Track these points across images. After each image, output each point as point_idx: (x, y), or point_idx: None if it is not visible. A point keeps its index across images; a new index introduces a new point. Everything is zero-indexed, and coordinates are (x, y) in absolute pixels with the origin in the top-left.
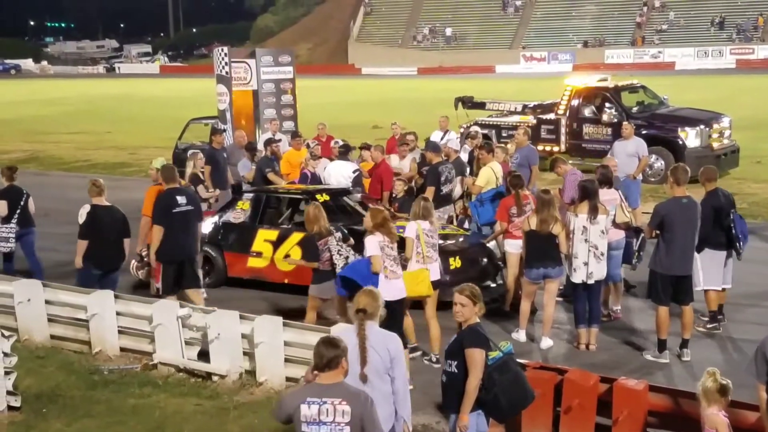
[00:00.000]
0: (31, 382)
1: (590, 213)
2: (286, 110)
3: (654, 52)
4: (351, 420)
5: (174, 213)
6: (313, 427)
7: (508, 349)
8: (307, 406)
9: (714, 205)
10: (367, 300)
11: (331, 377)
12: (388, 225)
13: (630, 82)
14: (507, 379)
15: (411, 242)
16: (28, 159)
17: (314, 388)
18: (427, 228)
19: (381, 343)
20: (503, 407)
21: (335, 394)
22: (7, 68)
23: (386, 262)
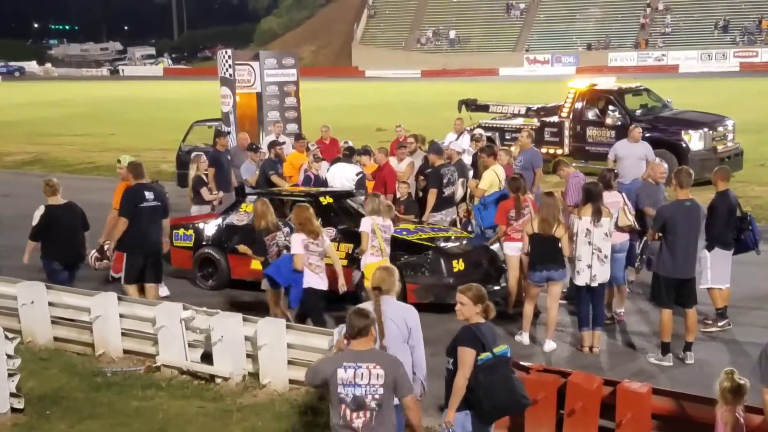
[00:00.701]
0: (35, 384)
1: (593, 216)
2: (289, 113)
3: (658, 55)
4: (385, 382)
5: (141, 207)
6: (349, 388)
7: (502, 352)
8: (343, 370)
9: (728, 205)
10: (382, 276)
11: (363, 344)
12: (311, 223)
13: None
14: (492, 381)
15: (366, 236)
16: (32, 161)
17: (349, 354)
18: (381, 223)
19: (399, 315)
20: (485, 409)
21: (369, 359)
22: (11, 70)
23: (311, 258)
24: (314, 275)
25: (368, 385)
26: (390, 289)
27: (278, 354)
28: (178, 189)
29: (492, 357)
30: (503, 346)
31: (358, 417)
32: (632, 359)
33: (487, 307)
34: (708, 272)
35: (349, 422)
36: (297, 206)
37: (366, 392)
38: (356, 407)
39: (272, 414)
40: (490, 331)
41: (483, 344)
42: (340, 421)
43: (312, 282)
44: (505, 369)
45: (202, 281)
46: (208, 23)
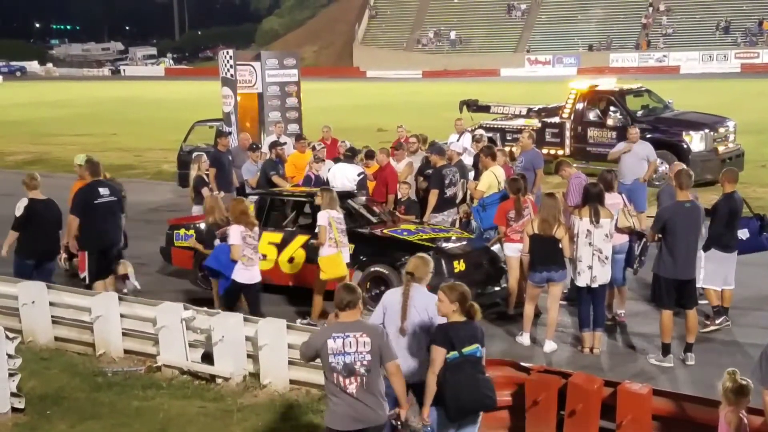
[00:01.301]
0: (35, 383)
1: (592, 216)
2: (290, 113)
3: (659, 55)
4: (371, 349)
5: (96, 204)
6: (339, 357)
7: (470, 352)
8: (333, 341)
9: (731, 208)
10: (416, 264)
11: (350, 316)
12: (247, 215)
13: (635, 85)
14: (457, 380)
15: (324, 229)
16: (34, 161)
17: (337, 325)
18: (336, 216)
19: (422, 304)
20: (449, 407)
21: (356, 329)
22: (13, 70)
23: (246, 250)
24: (244, 269)
25: (356, 352)
26: (422, 277)
27: (279, 354)
28: (179, 189)
29: (458, 356)
30: (474, 346)
31: (351, 383)
32: (633, 360)
33: (469, 308)
34: (701, 272)
35: (343, 388)
36: (233, 200)
37: (355, 359)
38: (347, 374)
39: (273, 414)
40: (467, 331)
41: (452, 343)
42: (335, 388)
43: (238, 275)
44: (471, 369)
45: (203, 282)
46: (209, 23)
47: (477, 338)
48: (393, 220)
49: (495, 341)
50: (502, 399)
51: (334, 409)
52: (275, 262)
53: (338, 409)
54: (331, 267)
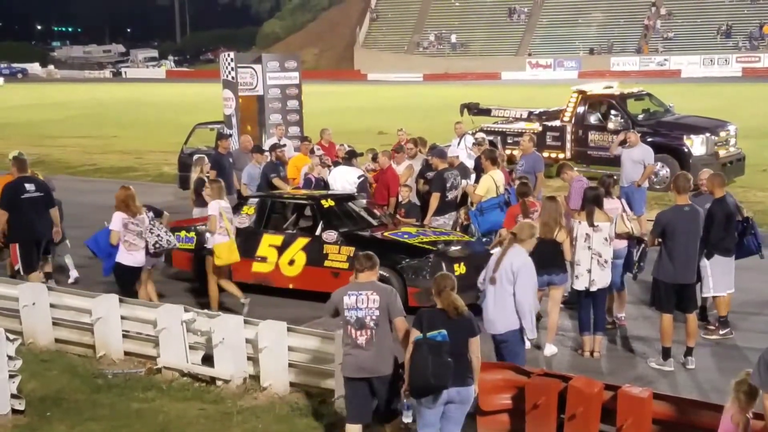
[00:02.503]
0: (36, 385)
1: (589, 219)
2: (291, 115)
3: (660, 59)
4: (380, 305)
5: (23, 198)
6: (353, 312)
7: (432, 335)
8: (348, 297)
9: (726, 212)
10: (522, 226)
11: (366, 277)
12: (131, 203)
13: (636, 89)
14: (413, 359)
15: (214, 219)
16: (35, 163)
17: (354, 285)
18: (225, 206)
19: (509, 261)
20: (410, 383)
21: (368, 288)
22: (14, 72)
23: (128, 236)
24: (127, 252)
25: (367, 308)
26: (523, 240)
27: (279, 357)
28: (180, 191)
29: (421, 338)
30: (437, 331)
31: (361, 335)
32: (633, 364)
33: (444, 299)
34: (710, 280)
35: (354, 339)
36: (121, 187)
37: (365, 314)
38: (359, 327)
39: (273, 417)
40: (437, 318)
41: (421, 325)
42: (348, 339)
43: (123, 258)
44: (427, 351)
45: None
46: (210, 26)
47: (448, 324)
48: (393, 223)
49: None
50: (502, 402)
51: (345, 359)
52: (275, 264)
53: (348, 359)
54: (225, 253)
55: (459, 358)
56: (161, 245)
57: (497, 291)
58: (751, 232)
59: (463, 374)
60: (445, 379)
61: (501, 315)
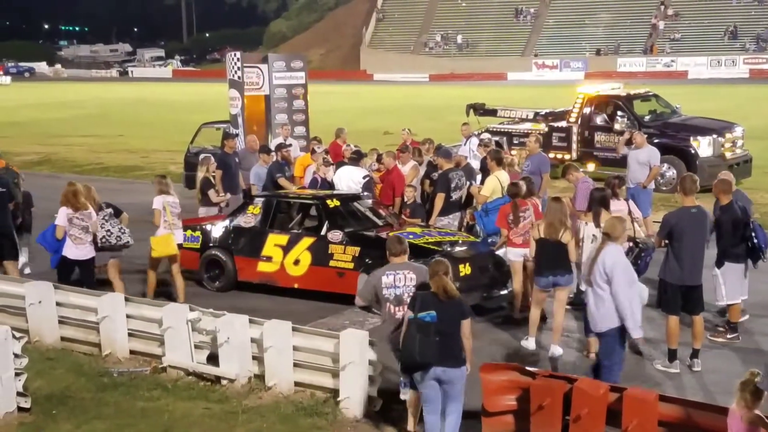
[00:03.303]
0: (41, 383)
1: (595, 220)
2: (297, 115)
3: (667, 60)
4: (416, 283)
5: None
6: (391, 290)
7: (421, 316)
8: (386, 277)
9: (733, 218)
10: (613, 224)
11: (399, 259)
12: (77, 199)
13: (642, 90)
14: (403, 337)
15: (158, 213)
16: (41, 161)
17: (389, 266)
18: (170, 201)
19: (601, 259)
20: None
21: (404, 268)
22: (21, 71)
23: (73, 230)
24: (73, 246)
25: (405, 286)
26: (618, 236)
27: (284, 356)
28: (186, 191)
29: (412, 318)
30: (426, 312)
31: (399, 310)
32: (639, 366)
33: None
34: (722, 288)
35: (393, 314)
36: (67, 183)
37: (403, 291)
38: (397, 303)
39: (277, 416)
40: (429, 300)
41: (413, 307)
42: (387, 316)
43: (67, 251)
44: (416, 330)
45: (209, 283)
46: (217, 26)
47: (439, 306)
48: (399, 223)
49: (500, 345)
50: (507, 403)
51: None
52: (281, 264)
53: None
54: (162, 246)
55: (449, 339)
56: (108, 240)
57: (594, 291)
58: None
59: (453, 355)
60: (430, 357)
61: (600, 314)
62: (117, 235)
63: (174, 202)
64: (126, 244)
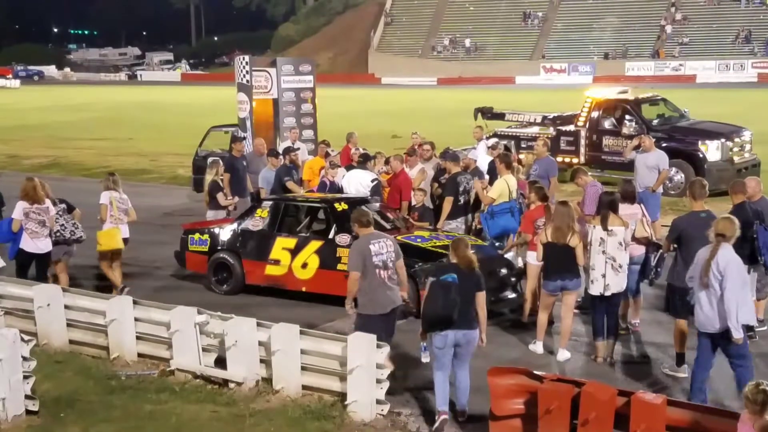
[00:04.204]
0: (49, 386)
1: (603, 224)
2: (305, 119)
3: (675, 64)
4: (394, 249)
5: None
6: (379, 256)
7: (444, 278)
8: (372, 245)
9: (742, 219)
10: (725, 225)
11: (370, 230)
12: (34, 193)
13: (651, 94)
14: (427, 296)
15: (105, 208)
16: (50, 164)
17: (369, 236)
18: (117, 197)
19: (723, 263)
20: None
21: (381, 237)
22: (31, 74)
23: (30, 224)
24: (29, 239)
25: (387, 252)
26: (731, 237)
27: (291, 359)
28: (194, 194)
29: (434, 279)
30: (448, 274)
31: (385, 273)
32: (647, 370)
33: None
34: None
35: (382, 278)
36: (25, 178)
37: (387, 257)
38: (384, 267)
39: (285, 419)
40: (450, 268)
41: (435, 272)
42: (375, 279)
43: (24, 244)
44: (439, 288)
45: (217, 286)
46: (226, 29)
47: (458, 273)
48: (407, 227)
49: (508, 349)
50: (514, 407)
51: (378, 299)
52: (289, 267)
53: (380, 298)
54: (107, 239)
55: (466, 305)
56: (62, 235)
57: (710, 292)
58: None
59: (469, 318)
60: (452, 311)
61: (716, 314)
62: (71, 230)
63: (121, 198)
64: (79, 239)
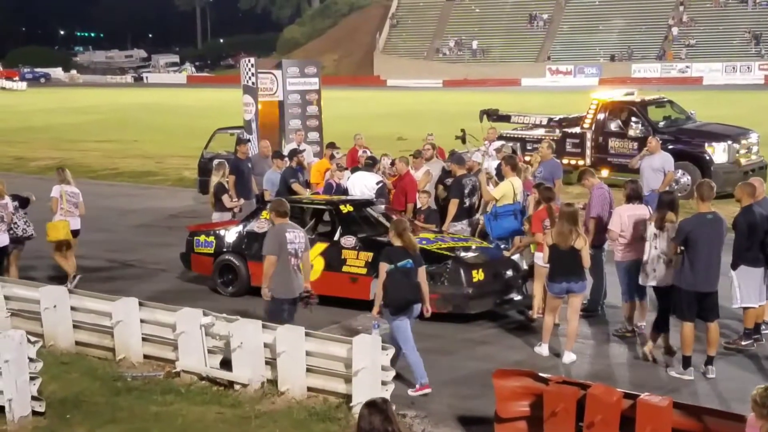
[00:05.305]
0: (56, 387)
1: (659, 222)
2: (311, 121)
3: (682, 66)
4: (305, 240)
5: None
6: (293, 245)
7: (402, 264)
8: (288, 234)
9: (749, 221)
10: None
11: (286, 219)
12: None
13: (657, 96)
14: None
15: (56, 201)
16: (56, 166)
17: (284, 225)
18: (68, 190)
19: None
20: (389, 301)
21: (294, 227)
22: (37, 77)
23: None
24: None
25: (299, 242)
26: None
27: (297, 361)
28: (200, 196)
29: (394, 267)
30: (405, 261)
31: (295, 262)
32: (653, 372)
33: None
34: (737, 291)
35: (293, 265)
36: None
37: (299, 247)
38: (295, 255)
39: (290, 421)
40: (400, 252)
41: (391, 259)
42: (288, 266)
43: None
44: (402, 276)
45: (222, 288)
46: (231, 32)
47: (409, 256)
48: (412, 229)
49: (514, 351)
50: (520, 409)
51: (286, 285)
52: None
53: (290, 283)
54: (54, 231)
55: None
56: (15, 232)
57: None
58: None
59: (422, 294)
60: (417, 294)
61: None
62: (23, 227)
63: (72, 192)
64: (30, 236)
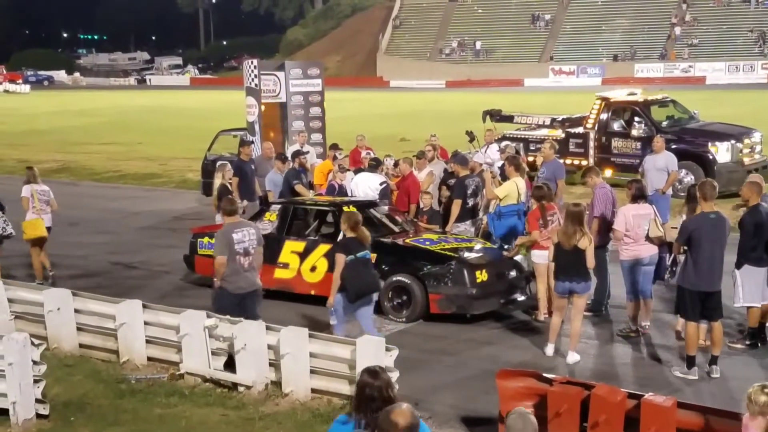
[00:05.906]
0: (60, 390)
1: (689, 214)
2: (314, 122)
3: (684, 66)
4: (256, 237)
5: None
6: (241, 244)
7: (361, 255)
8: (236, 234)
9: (756, 221)
10: None
11: (235, 218)
12: None
13: (660, 96)
14: (352, 272)
15: (26, 200)
16: (60, 169)
17: (233, 225)
18: (38, 189)
19: None
20: (349, 291)
21: (245, 226)
22: (41, 79)
23: None
24: None
25: (249, 240)
26: None
27: (301, 363)
28: (203, 198)
29: (353, 258)
30: (365, 251)
31: (245, 260)
32: (657, 372)
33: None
34: (739, 290)
35: (242, 264)
36: None
37: (249, 245)
38: (245, 254)
39: (294, 423)
40: (357, 244)
41: (349, 250)
42: (236, 265)
43: None
44: (362, 266)
45: None
46: (234, 34)
47: (365, 247)
48: (415, 230)
49: (518, 351)
50: None
51: (236, 282)
52: (297, 270)
53: (240, 282)
54: (31, 229)
55: None
56: None
57: None
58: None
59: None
60: (377, 283)
61: None
62: (2, 227)
63: (42, 190)
64: (9, 235)
